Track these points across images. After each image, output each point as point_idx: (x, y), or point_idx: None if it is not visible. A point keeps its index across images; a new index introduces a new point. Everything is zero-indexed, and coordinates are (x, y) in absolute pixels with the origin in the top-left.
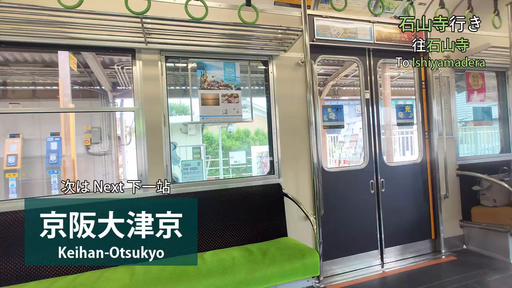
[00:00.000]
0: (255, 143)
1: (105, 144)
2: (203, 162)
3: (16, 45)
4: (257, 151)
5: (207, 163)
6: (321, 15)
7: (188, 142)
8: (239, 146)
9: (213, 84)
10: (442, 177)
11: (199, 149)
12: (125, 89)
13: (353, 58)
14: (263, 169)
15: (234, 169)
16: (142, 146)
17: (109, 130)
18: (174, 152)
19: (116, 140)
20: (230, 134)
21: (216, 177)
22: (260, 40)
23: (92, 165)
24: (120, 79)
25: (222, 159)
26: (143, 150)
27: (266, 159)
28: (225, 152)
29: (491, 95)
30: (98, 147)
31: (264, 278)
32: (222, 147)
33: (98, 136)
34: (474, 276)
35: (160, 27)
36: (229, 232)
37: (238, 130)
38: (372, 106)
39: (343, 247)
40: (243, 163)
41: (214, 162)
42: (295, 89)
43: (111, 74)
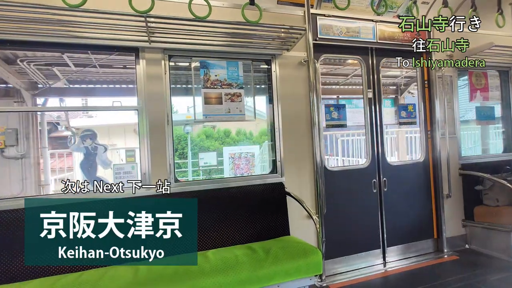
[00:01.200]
0: (236, 143)
1: (22, 146)
2: (139, 165)
3: (20, 44)
4: (229, 152)
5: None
6: (324, 14)
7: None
8: (218, 147)
9: (216, 83)
10: (445, 176)
11: (134, 151)
12: (44, 87)
13: (355, 57)
14: (235, 170)
15: (204, 171)
16: (146, 144)
17: (27, 132)
18: (104, 155)
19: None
20: (210, 134)
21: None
22: (263, 39)
23: (8, 169)
24: (34, 76)
25: (191, 160)
26: (147, 149)
27: (239, 160)
28: (195, 154)
29: (494, 95)
30: (14, 149)
31: (267, 276)
32: (199, 147)
33: (13, 138)
34: (476, 275)
35: (163, 26)
36: (232, 230)
37: (218, 130)
38: (374, 105)
39: (345, 246)
40: (214, 164)
41: (183, 164)
42: (297, 88)
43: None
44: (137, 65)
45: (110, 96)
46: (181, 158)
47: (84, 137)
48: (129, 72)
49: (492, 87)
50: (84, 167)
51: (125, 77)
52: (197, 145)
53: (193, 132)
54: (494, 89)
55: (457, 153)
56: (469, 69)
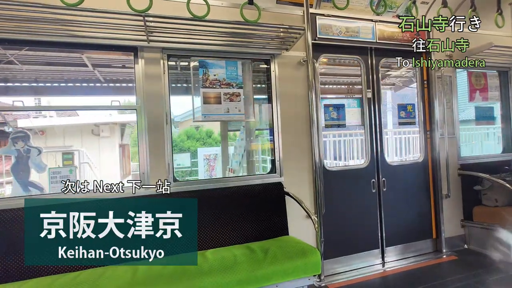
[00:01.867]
0: (218, 144)
1: None
2: (79, 169)
3: (18, 43)
4: (204, 154)
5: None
6: (324, 13)
7: (101, 146)
8: (200, 147)
9: (215, 82)
10: (444, 176)
11: (71, 154)
12: None
13: (355, 57)
14: (210, 172)
15: (177, 173)
16: (144, 144)
17: None
18: (38, 158)
19: None
20: (191, 135)
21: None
22: (262, 38)
23: None
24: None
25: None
26: (145, 148)
27: (214, 162)
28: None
29: (494, 95)
30: None
31: (266, 276)
32: (179, 148)
33: None
34: (475, 275)
35: (162, 25)
36: (231, 230)
37: (200, 130)
38: (374, 105)
39: (344, 246)
40: (187, 166)
41: None
42: (296, 88)
43: None
44: (135, 65)
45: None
46: None
47: (15, 139)
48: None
49: (491, 87)
50: (15, 171)
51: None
52: (177, 146)
53: (179, 131)
54: (494, 89)
55: (456, 153)
56: (468, 69)
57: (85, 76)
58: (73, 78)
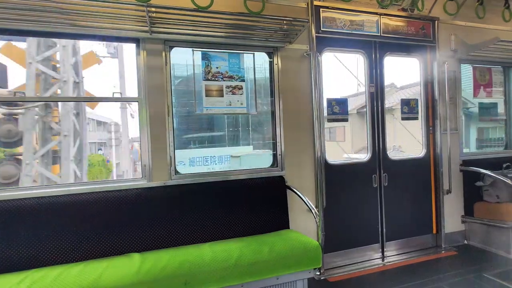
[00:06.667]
0: None
1: None
2: None
3: (21, 33)
4: None
5: None
6: (328, 6)
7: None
8: None
9: (217, 75)
10: (446, 172)
11: None
12: None
13: (358, 51)
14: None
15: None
16: (146, 136)
17: None
18: None
19: None
20: None
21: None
22: (265, 31)
23: None
24: None
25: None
26: (147, 140)
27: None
28: None
29: (498, 91)
30: None
31: (267, 268)
32: None
33: None
34: (474, 271)
35: (164, 16)
36: (232, 223)
37: None
38: (376, 100)
39: (345, 240)
40: None
41: None
42: (299, 82)
43: None
44: (137, 56)
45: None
46: None
47: None
48: None
49: (496, 83)
50: None
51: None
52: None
53: None
54: (498, 85)
55: (458, 149)
56: (473, 64)
57: None
58: None
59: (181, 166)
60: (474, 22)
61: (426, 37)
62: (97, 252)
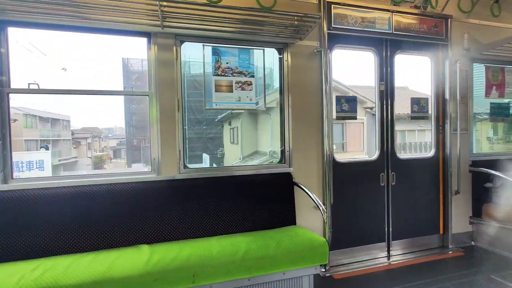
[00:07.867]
0: None
1: None
2: None
3: (32, 26)
4: None
5: None
6: (340, 2)
7: None
8: None
9: (227, 70)
10: (455, 172)
11: None
12: None
13: (369, 49)
14: None
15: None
16: (156, 130)
17: None
18: None
19: None
20: None
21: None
22: (275, 26)
23: None
24: None
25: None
26: (157, 135)
27: None
28: None
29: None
30: None
31: (273, 263)
32: None
33: None
34: (480, 272)
35: (176, 11)
36: (239, 218)
37: None
38: (386, 99)
39: (350, 238)
40: None
41: None
42: (309, 78)
43: None
44: (148, 51)
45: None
46: None
47: None
48: None
49: (508, 83)
50: None
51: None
52: None
53: None
54: (511, 85)
55: (468, 150)
56: (486, 64)
57: None
58: None
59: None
60: (488, 21)
61: (438, 35)
62: (107, 243)
